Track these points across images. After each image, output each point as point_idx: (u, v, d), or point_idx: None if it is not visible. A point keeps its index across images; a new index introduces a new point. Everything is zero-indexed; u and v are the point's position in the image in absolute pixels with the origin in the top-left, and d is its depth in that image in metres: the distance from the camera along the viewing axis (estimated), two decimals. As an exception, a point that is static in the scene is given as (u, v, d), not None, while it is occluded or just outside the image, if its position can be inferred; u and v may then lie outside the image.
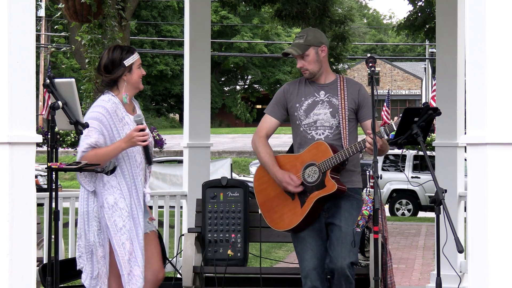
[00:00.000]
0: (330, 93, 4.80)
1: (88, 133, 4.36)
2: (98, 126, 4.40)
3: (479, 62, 3.48)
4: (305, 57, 4.76)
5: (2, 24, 3.45)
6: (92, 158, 4.34)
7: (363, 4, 71.84)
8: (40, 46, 33.55)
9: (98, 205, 4.45)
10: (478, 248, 3.47)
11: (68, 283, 6.58)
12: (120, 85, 4.51)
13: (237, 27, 49.09)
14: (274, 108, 4.88)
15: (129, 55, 4.50)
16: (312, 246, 4.70)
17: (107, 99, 4.48)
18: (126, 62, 4.48)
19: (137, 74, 4.52)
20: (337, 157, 4.60)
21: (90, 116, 4.43)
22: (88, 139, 4.38)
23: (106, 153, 4.39)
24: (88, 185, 4.43)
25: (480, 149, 3.46)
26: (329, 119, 4.75)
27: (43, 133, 19.84)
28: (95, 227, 4.44)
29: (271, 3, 16.84)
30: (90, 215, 4.45)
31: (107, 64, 4.49)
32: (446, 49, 7.13)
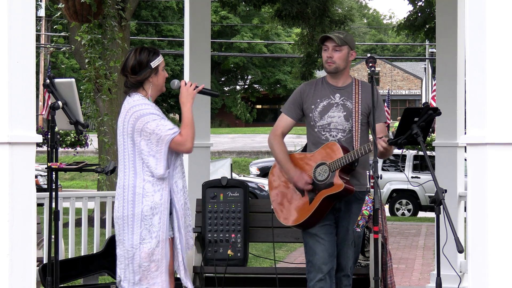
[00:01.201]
0: (345, 96, 4.86)
1: (160, 122, 4.36)
2: (157, 116, 4.39)
3: (479, 62, 3.48)
4: (338, 50, 4.83)
5: (2, 24, 3.45)
6: (189, 133, 4.37)
7: (363, 4, 71.85)
8: (40, 46, 33.54)
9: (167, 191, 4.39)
10: (478, 248, 3.47)
11: (68, 283, 6.59)
12: (146, 86, 4.51)
13: (237, 27, 49.08)
14: (290, 108, 4.96)
15: (155, 56, 4.51)
16: (324, 241, 4.78)
17: (140, 97, 4.48)
18: (153, 64, 4.48)
19: (162, 76, 4.54)
20: (347, 157, 4.67)
21: (145, 113, 4.38)
22: (168, 125, 4.37)
23: (189, 118, 4.43)
24: (164, 171, 4.36)
25: (480, 149, 3.46)
26: (343, 123, 4.83)
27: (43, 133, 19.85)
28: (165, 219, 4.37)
29: (271, 3, 16.84)
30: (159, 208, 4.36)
31: (134, 66, 4.48)
32: (446, 49, 7.13)
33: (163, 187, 4.37)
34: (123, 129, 4.43)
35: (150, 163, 4.34)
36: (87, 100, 9.01)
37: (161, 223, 4.35)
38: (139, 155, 4.38)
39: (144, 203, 4.34)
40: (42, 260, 6.22)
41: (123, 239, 4.38)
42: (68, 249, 6.81)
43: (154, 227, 4.34)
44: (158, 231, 4.34)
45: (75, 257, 6.61)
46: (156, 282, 4.36)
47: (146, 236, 4.34)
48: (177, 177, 4.43)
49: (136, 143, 4.38)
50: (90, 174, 26.25)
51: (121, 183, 4.42)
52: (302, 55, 19.11)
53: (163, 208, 4.35)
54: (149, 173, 4.36)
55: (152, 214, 4.34)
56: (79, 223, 7.99)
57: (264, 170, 24.94)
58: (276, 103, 54.33)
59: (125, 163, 4.42)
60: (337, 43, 4.79)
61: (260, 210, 6.30)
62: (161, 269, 4.36)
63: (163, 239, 4.35)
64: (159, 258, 4.35)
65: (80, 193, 8.31)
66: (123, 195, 4.38)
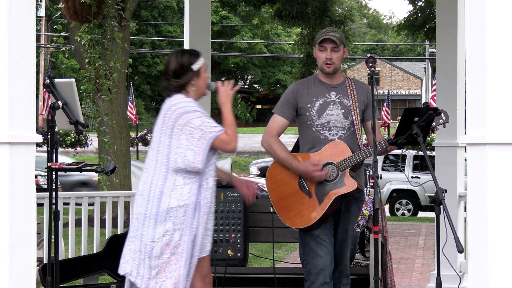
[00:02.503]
0: (341, 94, 4.83)
1: (205, 119, 4.36)
2: (202, 114, 4.39)
3: (479, 62, 3.48)
4: (336, 50, 4.79)
5: (2, 24, 3.45)
6: (234, 132, 4.40)
7: (363, 4, 71.86)
8: (40, 46, 33.54)
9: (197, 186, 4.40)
10: (478, 248, 3.47)
11: (68, 283, 6.59)
12: (189, 89, 4.50)
13: (237, 27, 49.09)
14: (283, 108, 4.87)
15: (196, 59, 4.50)
16: (326, 244, 4.75)
17: (184, 97, 4.47)
18: (195, 67, 4.48)
19: (204, 78, 4.53)
20: (357, 156, 4.65)
21: (189, 110, 4.38)
22: (213, 123, 4.38)
23: (231, 117, 4.45)
24: (202, 165, 4.36)
25: (480, 149, 3.46)
26: (342, 120, 4.79)
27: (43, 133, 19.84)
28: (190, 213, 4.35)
29: (271, 3, 16.84)
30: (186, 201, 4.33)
31: (176, 69, 4.49)
32: (446, 49, 7.13)
33: (193, 181, 4.37)
34: (162, 126, 4.41)
35: (188, 157, 4.34)
36: (87, 100, 9.01)
37: (186, 216, 4.33)
38: (174, 150, 4.36)
39: (172, 196, 4.33)
40: (42, 260, 6.21)
41: (142, 234, 4.33)
42: (68, 249, 6.81)
43: (178, 219, 4.32)
44: (182, 223, 4.33)
45: (75, 257, 6.61)
46: (173, 276, 4.31)
47: (169, 229, 4.31)
48: (209, 175, 4.43)
49: (174, 138, 4.37)
50: (90, 174, 26.21)
51: (149, 179, 4.40)
52: (302, 55, 19.11)
53: (189, 201, 4.34)
54: (183, 168, 4.35)
55: (178, 206, 4.32)
56: (79, 223, 7.98)
57: (264, 170, 24.94)
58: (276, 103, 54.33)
59: (158, 159, 4.40)
60: (336, 44, 4.77)
61: (260, 210, 6.30)
62: (180, 263, 4.31)
63: (186, 233, 4.33)
64: (180, 251, 4.31)
65: (80, 193, 8.30)
66: (149, 191, 4.37)
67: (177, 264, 4.32)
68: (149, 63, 46.39)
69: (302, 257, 4.91)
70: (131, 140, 23.59)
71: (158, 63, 46.77)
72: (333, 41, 4.76)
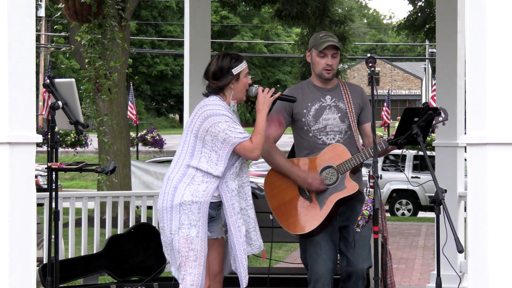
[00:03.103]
0: (336, 98, 4.81)
1: (232, 125, 4.39)
2: (229, 119, 4.41)
3: (479, 62, 3.48)
4: (335, 56, 4.79)
5: (2, 24, 3.45)
6: (260, 141, 4.40)
7: (363, 4, 71.87)
8: (40, 46, 33.54)
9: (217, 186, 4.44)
10: (478, 248, 3.47)
11: (68, 283, 6.59)
12: (227, 92, 4.54)
13: (237, 27, 49.09)
14: (279, 115, 4.84)
15: (237, 63, 4.52)
16: (326, 250, 4.70)
17: (218, 100, 4.50)
18: (235, 71, 4.51)
19: (243, 83, 4.55)
20: (356, 158, 4.62)
21: (217, 113, 4.42)
22: (239, 129, 4.40)
23: (262, 126, 4.45)
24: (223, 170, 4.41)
25: (480, 149, 3.46)
26: (339, 124, 4.76)
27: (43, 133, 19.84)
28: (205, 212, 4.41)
29: (271, 3, 16.83)
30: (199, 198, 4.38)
31: (215, 71, 4.52)
32: (446, 49, 7.12)
33: (211, 181, 4.41)
34: (190, 125, 4.48)
35: (212, 158, 4.41)
36: (87, 100, 9.00)
37: (201, 214, 4.38)
38: (199, 149, 4.42)
39: (186, 190, 4.39)
40: (42, 260, 6.22)
41: (164, 226, 4.45)
42: (68, 249, 6.81)
43: (193, 215, 4.37)
44: (198, 221, 4.37)
45: (75, 257, 6.61)
46: (192, 273, 4.37)
47: (185, 222, 4.37)
48: (229, 178, 4.45)
49: (199, 138, 4.42)
50: (90, 174, 26.25)
51: (167, 175, 4.50)
52: (302, 55, 19.12)
53: (203, 199, 4.38)
54: (205, 169, 4.40)
55: (191, 202, 4.37)
56: (79, 223, 7.98)
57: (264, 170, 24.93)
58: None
59: (180, 156, 4.48)
60: (337, 50, 4.75)
61: (260, 210, 6.28)
62: (200, 261, 4.37)
63: (203, 232, 4.38)
64: (199, 249, 4.36)
65: (80, 193, 8.31)
66: (165, 187, 4.47)
67: (196, 262, 4.37)
68: (149, 63, 46.38)
69: (303, 260, 4.89)
70: (131, 140, 23.59)
71: (158, 63, 46.78)
72: (334, 47, 4.74)
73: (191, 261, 4.37)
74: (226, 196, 4.44)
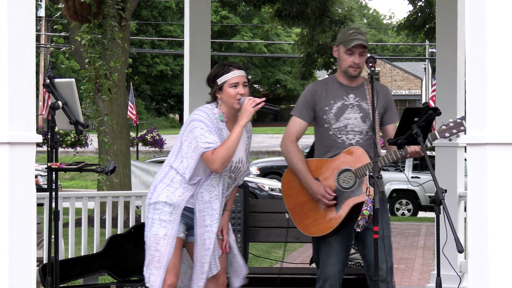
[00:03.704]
0: (359, 97, 4.73)
1: (205, 133, 4.36)
2: (205, 126, 4.39)
3: (479, 62, 3.48)
4: (363, 55, 4.70)
5: (2, 24, 3.45)
6: (221, 155, 4.31)
7: (363, 4, 71.85)
8: (40, 46, 33.54)
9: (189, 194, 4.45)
10: (478, 248, 3.47)
11: (68, 283, 6.59)
12: (219, 101, 4.52)
13: (237, 27, 49.08)
14: (302, 110, 4.77)
15: (224, 73, 4.47)
16: (338, 251, 4.66)
17: (210, 107, 4.50)
18: (219, 80, 4.48)
19: (227, 94, 4.46)
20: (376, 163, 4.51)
21: (198, 118, 4.42)
22: (209, 138, 4.36)
23: (231, 139, 4.36)
24: (189, 177, 4.40)
25: (480, 149, 3.46)
26: (360, 124, 4.69)
27: (43, 133, 19.84)
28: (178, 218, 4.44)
29: (271, 3, 16.84)
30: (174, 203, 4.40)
31: (208, 78, 4.55)
32: (446, 49, 7.12)
33: (188, 188, 4.44)
34: (182, 128, 4.54)
35: (184, 164, 4.42)
36: (87, 100, 9.00)
37: (173, 217, 4.41)
38: (181, 153, 4.46)
39: (164, 190, 4.44)
40: (42, 260, 6.22)
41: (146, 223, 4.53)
42: (68, 249, 6.81)
43: (165, 216, 4.41)
44: (168, 223, 4.40)
45: (75, 257, 6.61)
46: (154, 273, 4.42)
47: (156, 221, 4.42)
48: (205, 189, 4.44)
49: (182, 141, 4.46)
50: (90, 174, 26.26)
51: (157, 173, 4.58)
52: (302, 55, 19.13)
53: (177, 204, 4.42)
54: (181, 170, 4.44)
55: (165, 203, 4.42)
56: (79, 223, 7.98)
57: (264, 170, 24.95)
58: (276, 103, 54.29)
59: (170, 157, 4.54)
60: (368, 47, 4.68)
61: (260, 210, 6.31)
62: (161, 264, 4.40)
63: (171, 235, 4.40)
64: (163, 251, 4.40)
65: (80, 193, 8.30)
66: (152, 184, 4.54)
67: (159, 263, 4.41)
68: (149, 63, 46.37)
69: (315, 259, 4.87)
70: (131, 140, 23.58)
71: (158, 63, 46.77)
72: (363, 45, 4.67)
73: (155, 262, 4.41)
74: (199, 207, 4.44)
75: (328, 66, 18.94)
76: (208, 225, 4.45)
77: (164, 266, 4.39)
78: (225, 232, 4.63)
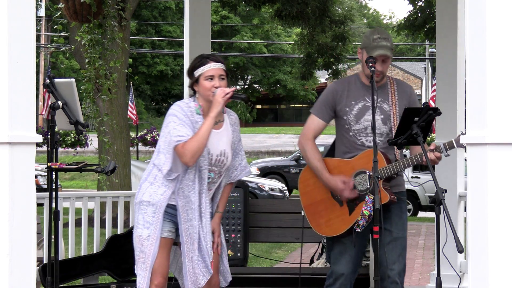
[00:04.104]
0: (381, 98, 4.67)
1: (177, 126, 4.34)
2: (178, 120, 4.36)
3: (479, 62, 3.48)
4: (386, 61, 4.62)
5: (2, 24, 3.45)
6: (191, 147, 4.27)
7: (363, 4, 71.83)
8: (40, 46, 33.54)
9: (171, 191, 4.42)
10: (478, 248, 3.47)
11: (68, 283, 6.59)
12: (197, 93, 4.50)
13: (237, 27, 49.06)
14: (322, 109, 4.73)
15: (200, 65, 4.45)
16: (351, 251, 4.62)
17: (187, 101, 4.48)
18: (196, 73, 4.46)
19: (203, 86, 4.44)
20: (391, 168, 4.51)
21: (172, 113, 4.41)
22: (181, 131, 4.33)
23: (202, 132, 4.30)
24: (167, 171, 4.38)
25: (480, 149, 3.46)
26: (380, 126, 4.63)
27: (43, 133, 19.84)
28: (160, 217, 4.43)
29: (271, 3, 16.83)
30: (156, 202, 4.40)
31: (188, 71, 4.53)
32: (446, 49, 7.12)
33: (169, 186, 4.41)
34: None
35: (160, 159, 4.41)
36: (87, 100, 9.01)
37: (156, 218, 4.39)
38: (159, 148, 4.45)
39: (148, 189, 4.43)
40: (42, 260, 6.22)
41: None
42: (68, 249, 6.81)
43: (148, 217, 4.40)
44: (151, 224, 4.39)
45: (75, 257, 6.61)
46: (140, 274, 4.43)
47: (140, 221, 4.42)
48: (185, 184, 4.41)
49: (160, 137, 4.46)
50: (90, 174, 26.25)
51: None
52: (302, 55, 19.11)
53: (159, 204, 4.40)
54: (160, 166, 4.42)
55: (148, 203, 4.41)
56: (79, 223, 7.98)
57: (264, 170, 24.95)
58: (276, 103, 54.33)
59: (153, 155, 4.52)
60: (390, 57, 4.60)
61: (260, 210, 6.31)
62: (146, 265, 4.40)
63: (155, 235, 4.38)
64: (147, 252, 4.39)
65: (80, 193, 8.30)
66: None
67: (144, 264, 4.41)
68: (149, 63, 46.35)
69: (328, 258, 4.84)
70: (131, 140, 23.59)
71: (158, 63, 46.75)
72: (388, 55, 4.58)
73: (140, 263, 4.43)
74: (180, 202, 4.40)
75: (328, 66, 18.92)
76: (192, 219, 4.40)
77: (149, 267, 4.39)
78: (217, 235, 4.55)
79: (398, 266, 4.58)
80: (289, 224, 6.19)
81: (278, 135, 40.06)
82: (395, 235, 4.61)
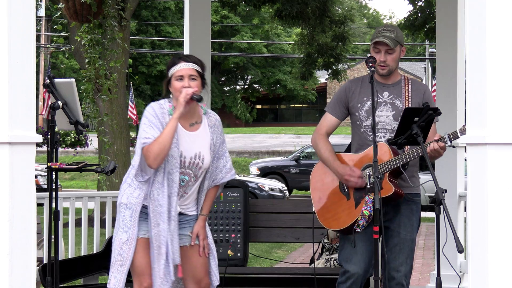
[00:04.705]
0: (394, 94, 4.68)
1: (145, 128, 4.31)
2: (147, 121, 4.34)
3: (479, 62, 3.48)
4: (391, 52, 4.63)
5: (2, 24, 3.45)
6: (153, 150, 4.23)
7: (363, 4, 71.83)
8: (40, 46, 33.53)
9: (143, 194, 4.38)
10: (478, 248, 3.47)
11: (68, 283, 6.59)
12: (171, 94, 4.46)
13: (237, 27, 49.06)
14: (335, 107, 4.76)
15: (172, 65, 4.41)
16: (362, 251, 4.58)
17: (162, 102, 4.44)
18: (169, 73, 4.43)
19: (174, 87, 4.39)
20: (396, 160, 4.49)
21: (144, 114, 4.39)
22: (148, 133, 4.30)
23: (164, 134, 4.25)
24: (135, 173, 4.35)
25: (480, 149, 3.46)
26: (391, 122, 4.64)
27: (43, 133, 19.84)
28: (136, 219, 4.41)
29: (271, 3, 16.84)
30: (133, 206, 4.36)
31: (165, 72, 4.49)
32: (446, 49, 7.12)
33: (143, 189, 4.38)
34: None
35: (135, 160, 4.36)
36: (87, 100, 9.01)
37: (133, 221, 4.36)
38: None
39: (126, 191, 4.40)
40: (42, 260, 6.21)
41: None
42: (68, 249, 6.81)
43: (126, 221, 4.38)
44: (129, 228, 4.36)
45: (75, 257, 6.61)
46: (117, 277, 4.38)
47: (120, 224, 4.40)
48: (155, 187, 4.34)
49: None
50: (90, 174, 26.26)
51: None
52: (302, 55, 19.11)
53: (135, 208, 4.36)
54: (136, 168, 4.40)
55: (126, 206, 4.38)
56: (79, 223, 7.98)
57: (264, 170, 24.94)
58: (276, 103, 54.30)
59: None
60: (390, 46, 4.60)
61: (260, 210, 6.31)
62: (123, 268, 4.37)
63: (132, 237, 4.35)
64: (125, 256, 4.37)
65: (80, 193, 8.30)
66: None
67: (122, 267, 4.38)
68: (149, 63, 46.35)
69: (339, 256, 4.84)
70: (131, 140, 23.57)
71: (158, 63, 46.75)
72: (388, 43, 4.60)
73: (117, 266, 4.39)
74: (151, 205, 4.35)
75: (328, 66, 18.93)
76: (160, 223, 4.32)
77: (125, 270, 4.35)
78: (201, 238, 4.47)
79: (404, 268, 4.57)
80: (289, 224, 6.20)
81: (278, 135, 40.05)
82: (403, 236, 4.60)
